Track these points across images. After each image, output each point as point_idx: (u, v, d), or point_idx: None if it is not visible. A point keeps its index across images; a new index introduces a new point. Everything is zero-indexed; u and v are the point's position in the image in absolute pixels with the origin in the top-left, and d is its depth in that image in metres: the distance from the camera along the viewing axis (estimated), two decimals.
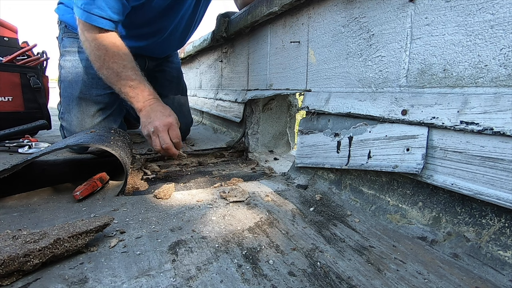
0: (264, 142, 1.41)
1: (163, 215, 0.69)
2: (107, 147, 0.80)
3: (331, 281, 0.47)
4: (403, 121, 0.64)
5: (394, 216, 0.67)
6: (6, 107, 1.53)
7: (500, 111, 0.49)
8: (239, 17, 1.31)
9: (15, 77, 1.56)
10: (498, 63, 0.51)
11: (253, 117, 1.38)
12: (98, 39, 1.00)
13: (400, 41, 0.67)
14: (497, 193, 0.49)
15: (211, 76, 1.96)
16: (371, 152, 0.72)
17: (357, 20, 0.78)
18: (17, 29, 2.04)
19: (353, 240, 0.60)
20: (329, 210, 0.75)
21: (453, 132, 0.56)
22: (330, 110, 0.85)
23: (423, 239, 0.60)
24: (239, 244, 0.57)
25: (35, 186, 0.82)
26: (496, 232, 0.51)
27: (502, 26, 0.50)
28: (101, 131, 0.96)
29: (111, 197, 0.80)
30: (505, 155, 0.48)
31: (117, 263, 0.50)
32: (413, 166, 0.61)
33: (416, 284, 0.47)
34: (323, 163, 0.87)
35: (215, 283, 0.46)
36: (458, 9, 0.56)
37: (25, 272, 0.45)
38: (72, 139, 0.87)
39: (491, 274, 0.49)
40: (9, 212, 0.68)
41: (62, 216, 0.67)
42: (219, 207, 0.75)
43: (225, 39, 1.51)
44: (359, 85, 0.79)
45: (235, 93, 1.52)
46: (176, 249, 0.55)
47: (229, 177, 1.02)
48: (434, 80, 0.61)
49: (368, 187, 0.76)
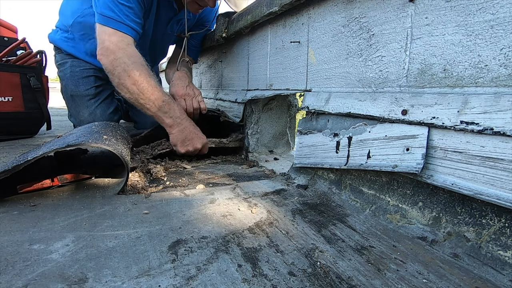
0: (264, 142, 1.41)
1: (163, 214, 0.69)
2: (108, 146, 0.80)
3: (331, 281, 0.47)
4: (403, 121, 0.64)
5: (394, 216, 0.67)
6: (6, 107, 1.53)
7: (500, 111, 0.49)
8: (239, 17, 1.31)
9: (15, 77, 1.56)
10: (498, 63, 0.51)
11: (253, 117, 1.38)
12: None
13: (400, 41, 0.67)
14: (497, 193, 0.49)
15: (211, 76, 1.96)
16: (371, 152, 0.72)
17: (357, 20, 0.78)
18: (17, 29, 2.04)
19: (353, 240, 0.60)
20: (329, 210, 0.75)
21: (453, 132, 0.56)
22: (330, 110, 0.85)
23: (423, 239, 0.60)
24: (239, 244, 0.57)
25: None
26: (496, 232, 0.51)
27: (502, 26, 0.50)
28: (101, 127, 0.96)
29: (111, 195, 0.80)
30: (505, 155, 0.48)
31: (117, 263, 0.50)
32: (413, 166, 0.61)
33: (416, 284, 0.47)
34: (322, 163, 0.87)
35: (215, 283, 0.46)
36: (458, 9, 0.56)
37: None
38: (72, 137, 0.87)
39: (491, 274, 0.49)
40: (9, 210, 0.68)
41: (62, 214, 0.67)
42: (219, 206, 0.75)
43: (225, 39, 1.51)
44: (359, 85, 0.79)
45: (235, 93, 1.52)
46: (176, 248, 0.55)
47: (229, 177, 1.02)
48: (434, 80, 0.61)
49: (368, 187, 0.76)
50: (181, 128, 1.15)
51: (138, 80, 1.10)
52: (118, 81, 1.12)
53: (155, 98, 1.11)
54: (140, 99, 1.11)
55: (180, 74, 1.41)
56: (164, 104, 1.12)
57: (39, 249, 0.53)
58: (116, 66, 1.10)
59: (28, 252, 0.52)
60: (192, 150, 1.17)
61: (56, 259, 0.50)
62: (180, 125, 1.15)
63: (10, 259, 0.49)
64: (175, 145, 1.17)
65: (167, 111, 1.13)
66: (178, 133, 1.15)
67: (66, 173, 0.87)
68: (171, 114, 1.14)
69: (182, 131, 1.15)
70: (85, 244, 0.55)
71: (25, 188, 0.78)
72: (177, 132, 1.15)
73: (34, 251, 0.52)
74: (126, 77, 1.10)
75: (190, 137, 1.17)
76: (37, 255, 0.51)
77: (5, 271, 0.46)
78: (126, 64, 1.10)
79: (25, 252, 0.52)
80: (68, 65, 1.52)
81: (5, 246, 0.53)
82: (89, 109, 1.52)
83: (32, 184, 0.79)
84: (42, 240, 0.56)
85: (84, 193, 0.81)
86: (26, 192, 0.78)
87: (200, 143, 1.18)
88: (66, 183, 0.86)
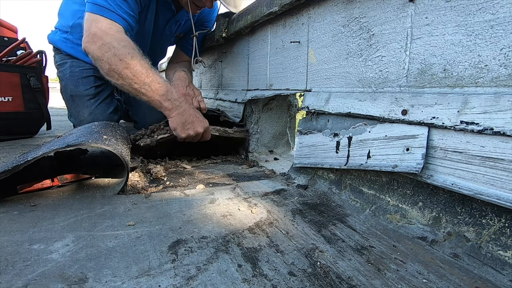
0: (264, 142, 1.41)
1: (163, 214, 0.69)
2: (108, 146, 0.80)
3: (331, 281, 0.47)
4: (403, 121, 0.64)
5: (394, 216, 0.67)
6: (6, 107, 1.53)
7: (500, 111, 0.49)
8: (239, 17, 1.31)
9: (15, 77, 1.56)
10: (498, 63, 0.51)
11: (253, 117, 1.38)
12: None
13: (400, 41, 0.67)
14: (497, 193, 0.49)
15: (211, 76, 1.96)
16: (371, 152, 0.72)
17: (357, 20, 0.78)
18: (17, 29, 2.04)
19: (353, 240, 0.60)
20: (329, 210, 0.75)
21: (453, 132, 0.56)
22: (330, 110, 0.85)
23: (423, 239, 0.60)
24: (239, 244, 0.57)
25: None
26: (496, 232, 0.51)
27: (502, 26, 0.50)
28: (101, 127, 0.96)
29: (111, 195, 0.80)
30: (505, 155, 0.48)
31: (117, 263, 0.50)
32: (413, 166, 0.61)
33: (416, 284, 0.47)
34: (321, 163, 0.87)
35: (215, 283, 0.46)
36: (458, 9, 0.56)
37: None
38: (72, 138, 0.87)
39: (491, 274, 0.49)
40: (9, 211, 0.68)
41: (62, 214, 0.67)
42: (219, 206, 0.75)
43: (225, 39, 1.51)
44: (359, 85, 0.79)
45: (235, 93, 1.52)
46: (176, 248, 0.55)
47: (229, 177, 1.02)
48: (434, 80, 0.61)
49: (368, 187, 0.76)
50: (181, 111, 1.08)
51: (130, 64, 1.02)
52: (108, 67, 1.03)
53: (151, 81, 1.04)
54: (134, 84, 1.04)
55: (180, 75, 1.41)
56: (160, 87, 1.05)
57: (39, 249, 0.53)
58: (105, 52, 1.02)
59: (28, 252, 0.52)
60: (193, 134, 1.09)
61: (56, 259, 0.50)
62: (179, 108, 1.08)
63: (10, 259, 0.49)
64: (175, 129, 1.09)
65: (164, 94, 1.05)
66: (177, 116, 1.07)
67: (66, 173, 0.87)
68: (169, 96, 1.06)
69: (182, 113, 1.08)
70: (85, 244, 0.55)
71: (25, 188, 0.78)
72: (177, 115, 1.07)
73: (34, 251, 0.52)
74: (118, 62, 1.02)
75: (191, 120, 1.09)
76: (37, 255, 0.51)
77: (5, 271, 0.46)
78: (116, 48, 1.03)
79: (25, 252, 0.52)
80: (67, 66, 1.53)
81: (5, 246, 0.53)
82: (89, 109, 1.52)
83: (32, 184, 0.79)
84: (42, 240, 0.56)
85: (84, 193, 0.81)
86: (26, 192, 0.78)
87: (202, 127, 1.11)
88: (66, 183, 0.86)
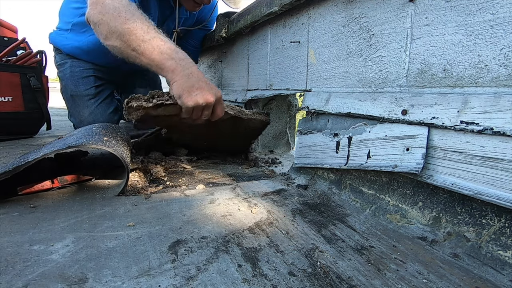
0: (264, 142, 1.41)
1: (163, 214, 0.69)
2: (109, 148, 0.80)
3: (331, 281, 0.47)
4: (403, 121, 0.64)
5: (394, 216, 0.67)
6: (6, 107, 1.53)
7: (500, 111, 0.49)
8: (239, 17, 1.31)
9: (15, 77, 1.56)
10: (498, 63, 0.51)
11: None
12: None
13: (400, 41, 0.67)
14: (497, 193, 0.49)
15: (211, 76, 1.96)
16: (371, 152, 0.72)
17: (357, 20, 0.77)
18: (17, 29, 2.04)
19: (353, 240, 0.60)
20: (329, 210, 0.75)
21: (453, 132, 0.56)
22: (330, 110, 0.85)
23: (423, 239, 0.60)
24: (239, 244, 0.57)
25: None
26: (496, 232, 0.51)
27: (502, 26, 0.50)
28: (101, 128, 0.96)
29: (111, 197, 0.80)
30: (505, 155, 0.48)
31: (117, 263, 0.50)
32: (413, 166, 0.61)
33: (416, 284, 0.47)
34: (321, 163, 0.87)
35: (215, 283, 0.46)
36: (458, 9, 0.56)
37: None
38: (72, 139, 0.87)
39: (491, 274, 0.49)
40: (9, 212, 0.68)
41: (62, 216, 0.67)
42: (219, 206, 0.75)
43: (225, 39, 1.51)
44: (359, 85, 0.79)
45: (235, 93, 1.52)
46: (176, 248, 0.55)
47: (228, 177, 1.02)
48: (434, 80, 0.61)
49: (368, 187, 0.76)
50: (187, 73, 0.85)
51: (130, 19, 0.89)
52: (107, 28, 0.91)
53: (152, 37, 0.87)
54: (132, 42, 0.87)
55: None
56: (163, 44, 0.87)
57: (39, 250, 0.53)
58: (104, 13, 0.91)
59: (28, 252, 0.52)
60: (203, 103, 0.84)
61: (56, 259, 0.50)
62: (185, 69, 0.85)
63: (10, 259, 0.50)
64: (180, 96, 0.84)
65: (166, 52, 0.86)
66: (183, 79, 0.84)
67: (66, 175, 0.87)
68: (173, 55, 0.86)
69: (188, 76, 0.85)
70: (85, 245, 0.55)
71: (25, 189, 0.78)
72: (182, 77, 0.85)
73: (34, 252, 0.52)
74: (116, 18, 0.89)
75: (199, 85, 0.85)
76: (37, 256, 0.51)
77: (5, 271, 0.46)
78: (115, 7, 0.91)
79: (25, 252, 0.52)
80: (67, 65, 1.54)
81: (5, 247, 0.53)
82: (89, 109, 1.53)
83: (32, 185, 0.79)
84: (42, 241, 0.56)
85: (84, 195, 0.81)
86: (26, 194, 0.78)
87: (213, 95, 0.86)
88: (66, 184, 0.86)
